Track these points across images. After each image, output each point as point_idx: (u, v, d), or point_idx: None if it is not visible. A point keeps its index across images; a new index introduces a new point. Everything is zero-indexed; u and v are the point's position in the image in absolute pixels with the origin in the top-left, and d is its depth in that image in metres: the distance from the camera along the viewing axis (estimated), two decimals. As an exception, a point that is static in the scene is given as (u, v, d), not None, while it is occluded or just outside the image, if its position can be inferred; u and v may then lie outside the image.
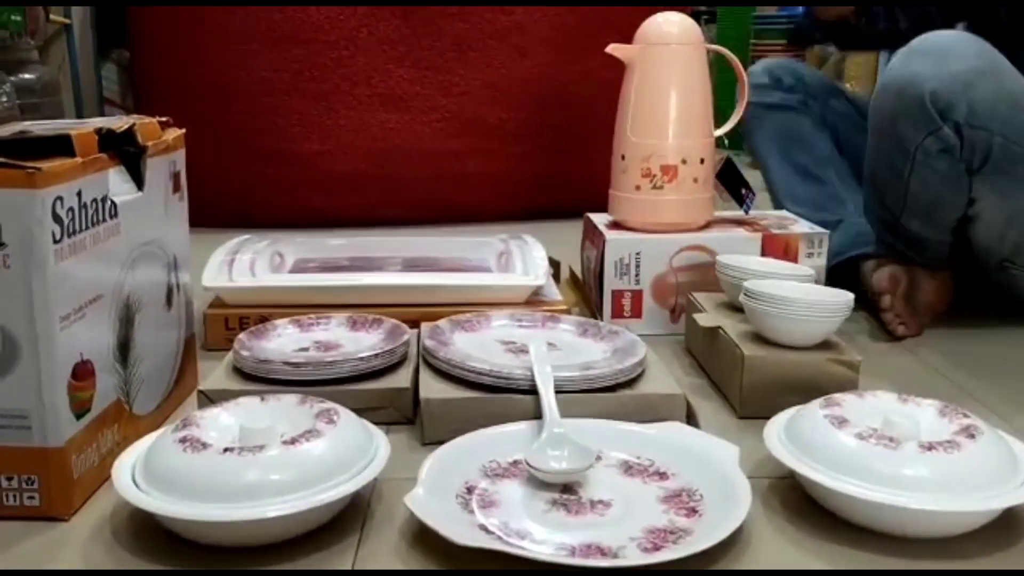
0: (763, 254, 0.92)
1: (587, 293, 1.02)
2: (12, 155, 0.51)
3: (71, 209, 0.55)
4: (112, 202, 0.60)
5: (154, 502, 0.50)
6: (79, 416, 0.56)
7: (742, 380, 0.72)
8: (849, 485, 0.53)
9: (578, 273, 1.10)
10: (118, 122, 0.66)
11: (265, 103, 1.45)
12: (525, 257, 0.97)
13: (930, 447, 0.54)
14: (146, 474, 0.53)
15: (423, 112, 1.50)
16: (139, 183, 0.65)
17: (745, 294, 0.74)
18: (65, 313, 0.54)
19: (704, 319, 0.81)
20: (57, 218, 0.53)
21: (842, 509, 0.55)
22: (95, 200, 0.58)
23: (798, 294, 0.74)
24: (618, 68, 0.95)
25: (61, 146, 0.55)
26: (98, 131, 0.60)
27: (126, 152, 0.64)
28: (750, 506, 0.54)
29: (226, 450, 0.52)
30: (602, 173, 0.99)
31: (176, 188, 0.72)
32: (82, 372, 0.57)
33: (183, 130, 0.74)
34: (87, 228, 0.57)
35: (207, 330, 0.87)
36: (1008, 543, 0.54)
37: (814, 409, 0.60)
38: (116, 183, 0.62)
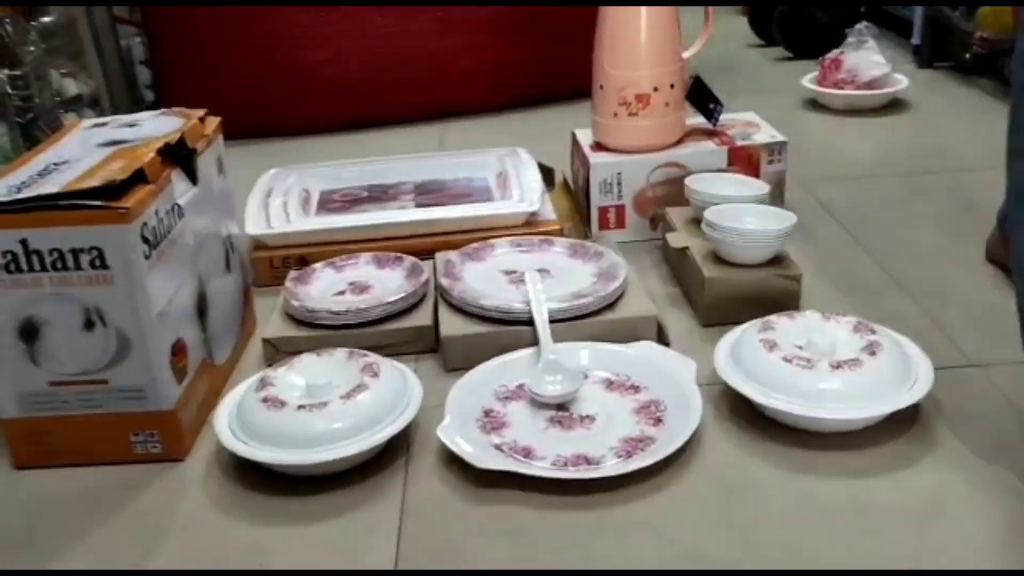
0: (729, 164, 1.04)
1: (577, 204, 1.14)
2: (103, 195, 0.64)
3: (153, 228, 0.67)
4: (178, 205, 0.73)
5: (253, 451, 0.67)
6: (180, 380, 0.72)
7: (704, 297, 0.86)
8: (776, 400, 0.68)
9: (569, 179, 1.21)
10: (167, 126, 0.77)
11: (267, 19, 1.51)
12: (521, 179, 1.09)
13: (838, 366, 0.69)
14: (242, 427, 0.69)
15: (417, 13, 1.56)
16: (193, 180, 0.77)
17: (704, 223, 0.87)
18: (160, 309, 0.68)
19: (674, 239, 0.93)
20: (145, 240, 0.66)
21: (772, 415, 0.71)
22: (168, 211, 0.71)
23: (749, 219, 0.86)
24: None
25: (137, 177, 0.67)
26: (158, 151, 0.71)
27: (180, 156, 0.75)
28: (702, 413, 0.69)
29: (300, 407, 0.67)
30: (590, 58, 1.05)
31: (220, 169, 0.84)
32: (178, 348, 0.71)
33: (219, 119, 0.84)
34: (165, 236, 0.70)
35: (255, 271, 1.00)
36: (900, 432, 0.70)
37: (752, 333, 0.74)
38: (177, 186, 0.74)
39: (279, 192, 1.09)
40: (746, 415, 0.72)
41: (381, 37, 1.55)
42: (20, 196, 0.63)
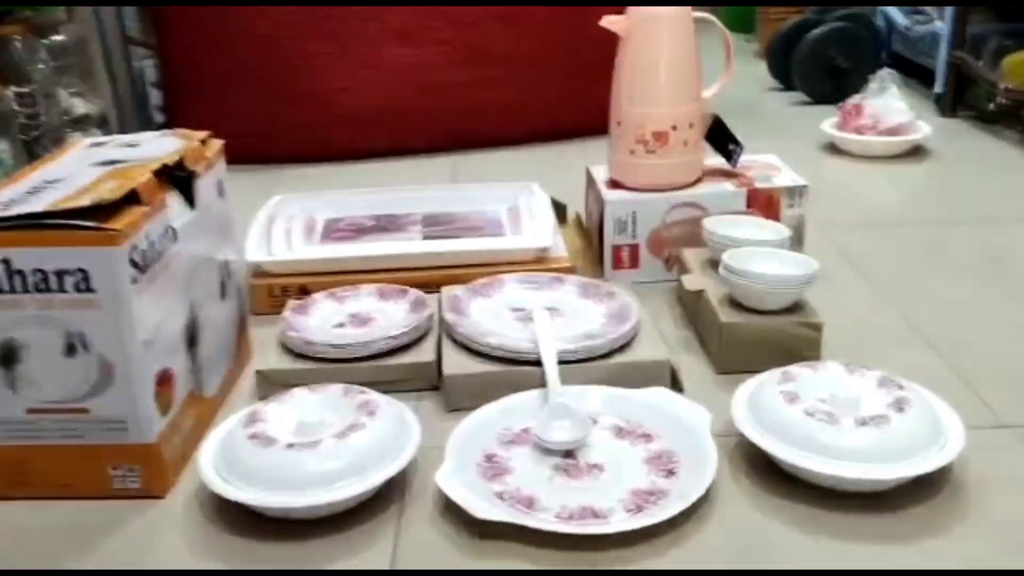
0: (748, 207, 1.01)
1: (590, 241, 1.10)
2: (92, 214, 0.61)
3: (143, 251, 0.64)
4: (172, 229, 0.70)
5: (235, 490, 0.63)
6: (164, 413, 0.68)
7: (720, 342, 0.82)
8: (797, 455, 0.64)
9: (583, 215, 1.18)
10: (167, 147, 0.75)
11: (283, 45, 1.50)
12: (533, 213, 1.06)
13: (864, 423, 0.64)
14: (226, 464, 0.65)
15: (434, 44, 1.54)
16: (191, 204, 0.74)
17: (722, 267, 0.83)
18: (146, 337, 0.65)
19: (690, 281, 0.90)
20: (134, 263, 0.63)
21: (792, 471, 0.66)
22: (160, 235, 0.67)
23: (769, 264, 0.83)
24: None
25: (130, 198, 0.64)
26: (155, 172, 0.68)
27: (178, 178, 0.73)
28: (717, 465, 0.65)
29: (289, 446, 0.64)
30: (607, 96, 1.03)
31: (220, 193, 0.81)
32: (164, 379, 0.68)
33: (222, 142, 0.82)
34: (156, 261, 0.66)
35: (253, 298, 0.97)
36: (929, 495, 0.65)
37: (772, 384, 0.70)
38: (173, 209, 0.71)
39: (283, 219, 1.06)
40: (764, 470, 0.68)
41: (397, 67, 1.53)
42: (5, 214, 0.60)
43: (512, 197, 1.14)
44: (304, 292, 0.94)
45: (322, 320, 0.88)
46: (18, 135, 1.20)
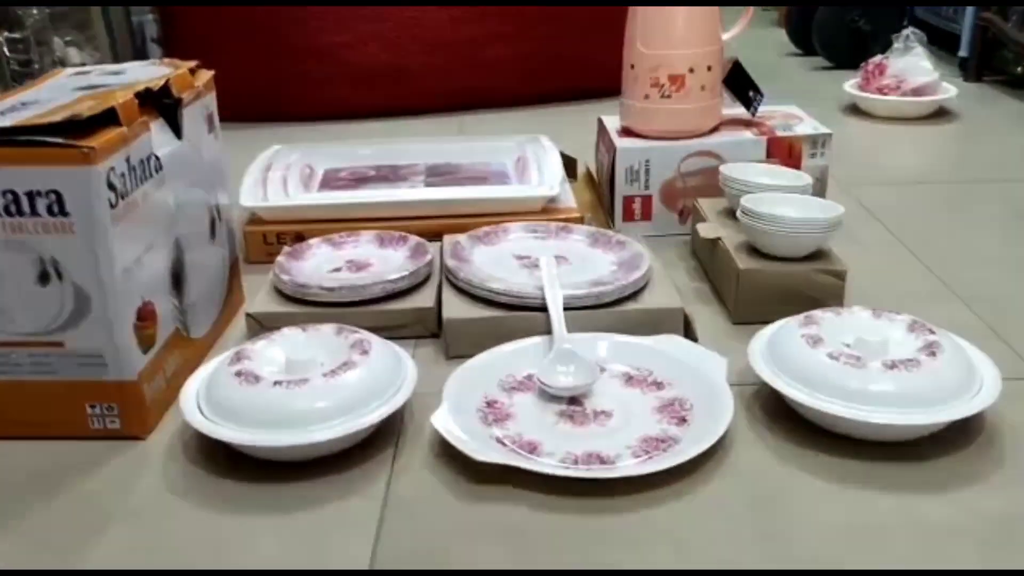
0: (768, 156, 0.96)
1: (601, 194, 1.06)
2: (66, 131, 0.57)
3: (123, 175, 0.60)
4: (156, 157, 0.66)
5: (219, 429, 0.59)
6: (146, 350, 0.64)
7: (736, 291, 0.78)
8: (820, 401, 0.60)
9: (593, 171, 1.14)
10: (154, 74, 0.71)
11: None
12: (541, 164, 1.02)
13: (892, 366, 0.60)
14: (209, 403, 0.61)
15: None
16: (178, 133, 0.70)
17: (741, 211, 0.79)
18: (126, 266, 0.61)
19: (705, 229, 0.86)
20: (112, 186, 0.59)
21: (815, 418, 0.62)
22: (142, 160, 0.63)
23: (790, 209, 0.78)
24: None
25: (108, 117, 0.60)
26: (137, 94, 0.64)
27: (164, 105, 0.69)
28: (733, 414, 0.61)
29: (276, 383, 0.60)
30: (621, 52, 0.99)
31: (211, 128, 0.77)
32: (145, 313, 0.64)
33: (212, 72, 0.78)
34: (137, 187, 0.63)
35: (247, 246, 0.94)
36: (962, 445, 0.61)
37: (793, 327, 0.66)
38: (157, 137, 0.67)
39: (280, 167, 1.02)
40: (784, 418, 0.64)
41: (402, 22, 1.49)
42: (-28, 130, 0.57)
43: (519, 149, 1.09)
44: (300, 240, 0.90)
45: (317, 265, 0.84)
46: (10, 82, 1.17)
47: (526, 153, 1.06)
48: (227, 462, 0.61)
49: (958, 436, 0.61)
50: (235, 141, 0.80)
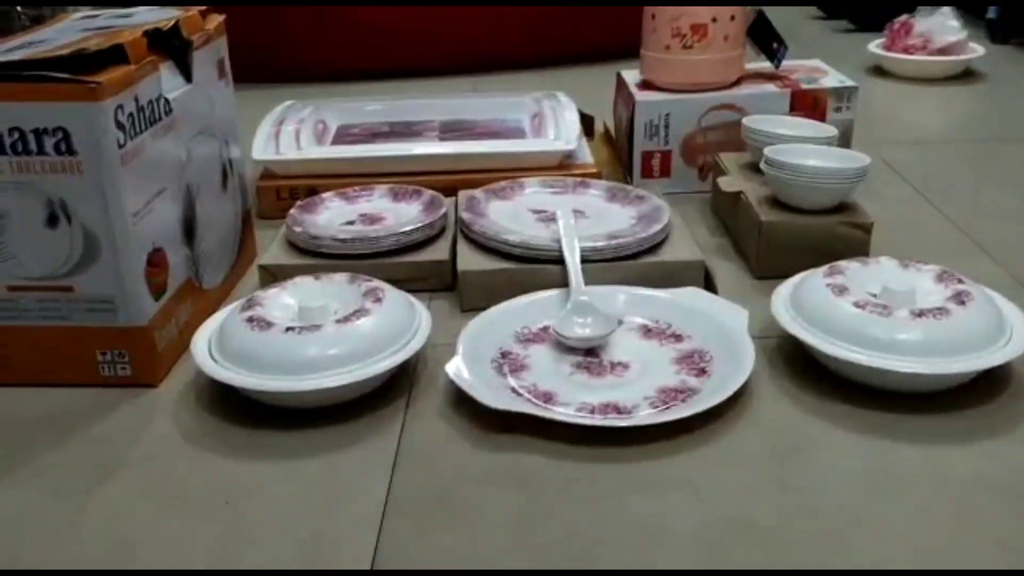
0: (792, 110, 0.94)
1: (618, 150, 1.05)
2: (73, 70, 0.56)
3: (131, 115, 0.59)
4: (165, 99, 0.65)
5: (231, 375, 0.58)
6: (157, 297, 0.64)
7: (759, 244, 0.76)
8: (844, 350, 0.58)
9: (611, 128, 1.12)
10: (163, 17, 0.70)
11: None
12: (558, 119, 1.00)
13: (920, 314, 0.58)
14: (221, 349, 0.60)
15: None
16: (188, 76, 0.69)
17: (765, 161, 0.77)
18: (135, 210, 0.60)
19: (726, 183, 0.84)
20: (120, 125, 0.58)
21: (839, 370, 0.61)
22: (151, 101, 0.62)
23: (815, 159, 0.76)
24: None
25: (116, 55, 0.59)
26: (146, 33, 0.63)
27: (173, 47, 0.67)
28: (753, 366, 0.60)
29: (288, 329, 0.59)
30: (640, 14, 0.97)
31: (221, 75, 0.76)
32: (156, 259, 0.63)
33: (223, 16, 0.76)
34: (147, 128, 0.62)
35: (260, 200, 0.93)
36: (989, 396, 0.59)
37: (817, 277, 0.64)
38: (167, 79, 0.66)
39: (292, 121, 1.01)
40: (807, 371, 0.63)
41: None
42: (-23, 66, 0.56)
43: (536, 105, 1.07)
44: (313, 194, 0.89)
45: (330, 218, 0.83)
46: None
47: (543, 109, 1.05)
48: (239, 409, 0.60)
49: (986, 387, 0.60)
50: (246, 99, 0.79)
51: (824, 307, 0.61)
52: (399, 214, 0.83)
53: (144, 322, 0.62)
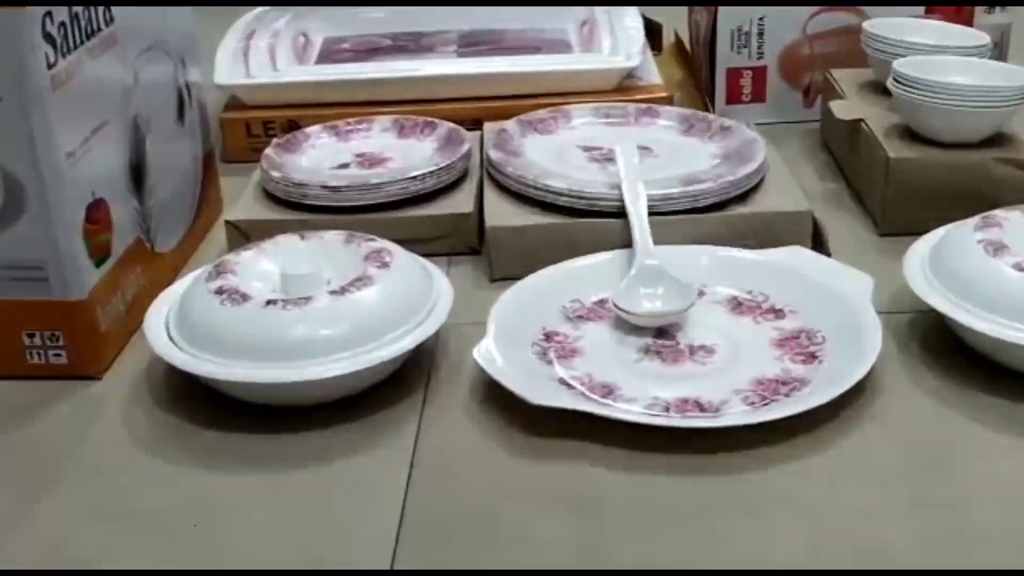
0: (927, 12, 0.94)
1: (696, 70, 1.05)
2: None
3: (62, 24, 0.60)
4: (108, 10, 0.66)
5: (196, 363, 0.59)
6: (99, 262, 0.65)
7: (885, 189, 0.77)
8: (1003, 327, 0.58)
9: (685, 41, 1.13)
10: None
11: None
12: (614, 28, 1.01)
13: (1107, 281, 0.58)
14: (182, 330, 0.62)
15: None
16: (132, -20, 0.70)
17: (893, 78, 0.77)
18: (71, 148, 0.61)
19: (842, 108, 0.84)
20: (49, 37, 0.59)
21: (993, 352, 0.61)
22: (90, 15, 0.64)
23: (960, 75, 0.77)
24: None
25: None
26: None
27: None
28: (880, 350, 0.61)
29: (268, 303, 0.60)
30: None
31: (177, -15, 0.77)
32: (96, 213, 0.65)
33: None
34: (82, 43, 0.63)
35: (225, 138, 0.95)
36: None
37: (966, 231, 0.65)
38: (109, -14, 0.67)
39: (265, 35, 1.02)
40: (951, 354, 0.63)
41: None
42: None
43: (585, 10, 1.08)
44: (294, 129, 0.90)
45: (317, 160, 0.84)
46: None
47: (594, 15, 1.06)
48: (207, 407, 0.61)
49: None
50: (208, 11, 0.79)
51: (976, 271, 0.61)
52: (407, 154, 0.84)
53: (83, 295, 0.63)
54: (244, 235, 0.76)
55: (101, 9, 0.65)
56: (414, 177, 0.78)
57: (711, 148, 0.83)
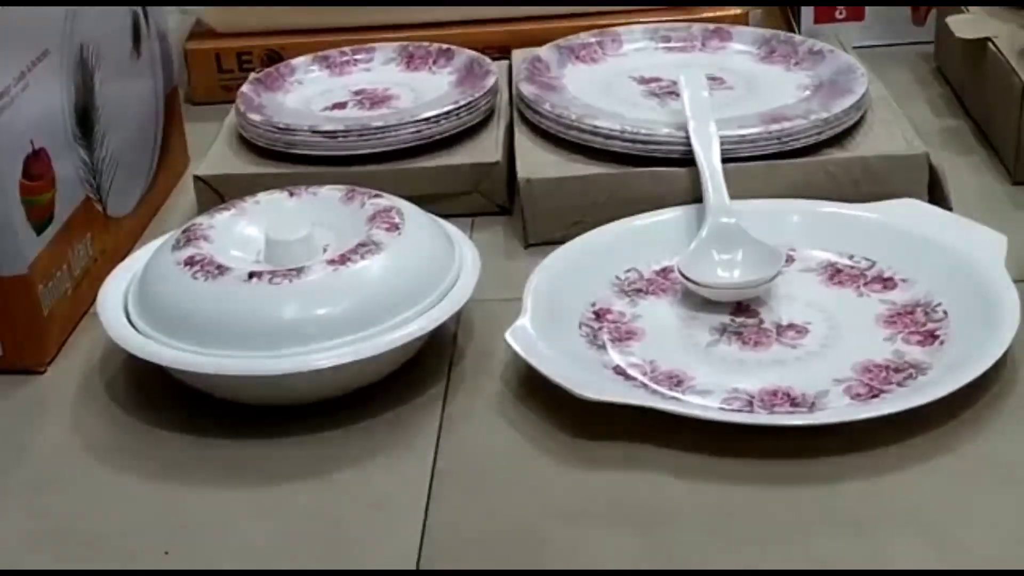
0: None
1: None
2: None
3: (-11, -75, 0.61)
4: (41, -96, 0.67)
5: (162, 350, 0.60)
6: (40, 228, 0.66)
7: (1021, 125, 0.76)
8: None
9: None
10: None
11: None
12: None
13: None
14: (144, 310, 0.62)
15: None
16: None
17: (1030, -14, 0.77)
18: (3, 86, 0.62)
19: (963, 26, 0.85)
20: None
21: None
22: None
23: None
24: None
25: None
26: None
27: None
28: (1018, 328, 0.61)
29: (251, 276, 0.61)
30: None
31: None
32: (36, 167, 0.65)
33: None
34: (13, -49, 0.63)
35: (191, 75, 0.96)
36: None
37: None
38: None
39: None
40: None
41: None
42: None
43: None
44: (276, 61, 0.92)
45: (306, 99, 0.86)
46: None
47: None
48: (177, 406, 0.62)
49: None
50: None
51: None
52: (417, 90, 0.85)
53: (22, 269, 0.64)
54: (217, 193, 0.78)
55: (37, -89, 0.66)
56: (427, 119, 0.78)
57: (798, 78, 0.84)
